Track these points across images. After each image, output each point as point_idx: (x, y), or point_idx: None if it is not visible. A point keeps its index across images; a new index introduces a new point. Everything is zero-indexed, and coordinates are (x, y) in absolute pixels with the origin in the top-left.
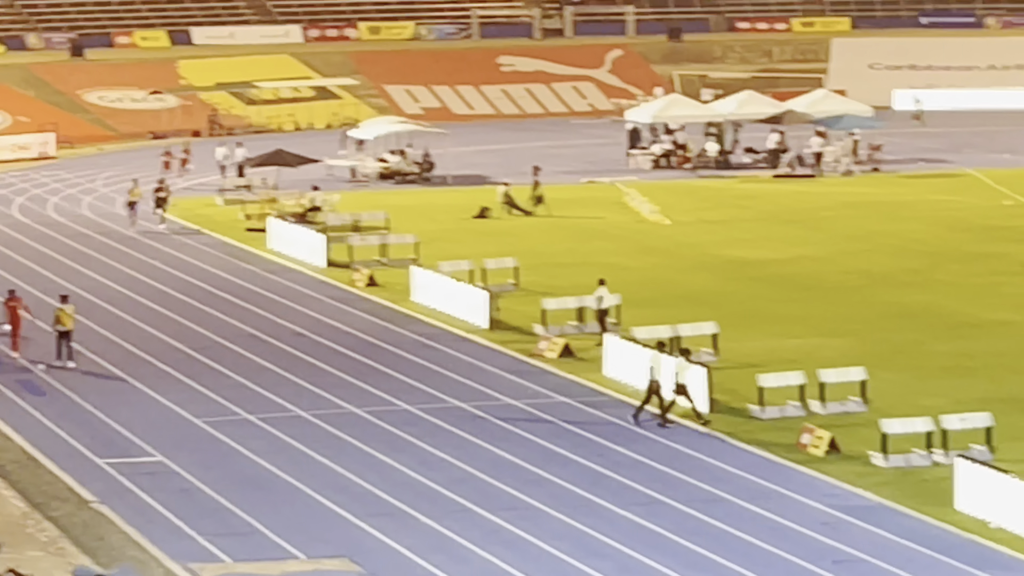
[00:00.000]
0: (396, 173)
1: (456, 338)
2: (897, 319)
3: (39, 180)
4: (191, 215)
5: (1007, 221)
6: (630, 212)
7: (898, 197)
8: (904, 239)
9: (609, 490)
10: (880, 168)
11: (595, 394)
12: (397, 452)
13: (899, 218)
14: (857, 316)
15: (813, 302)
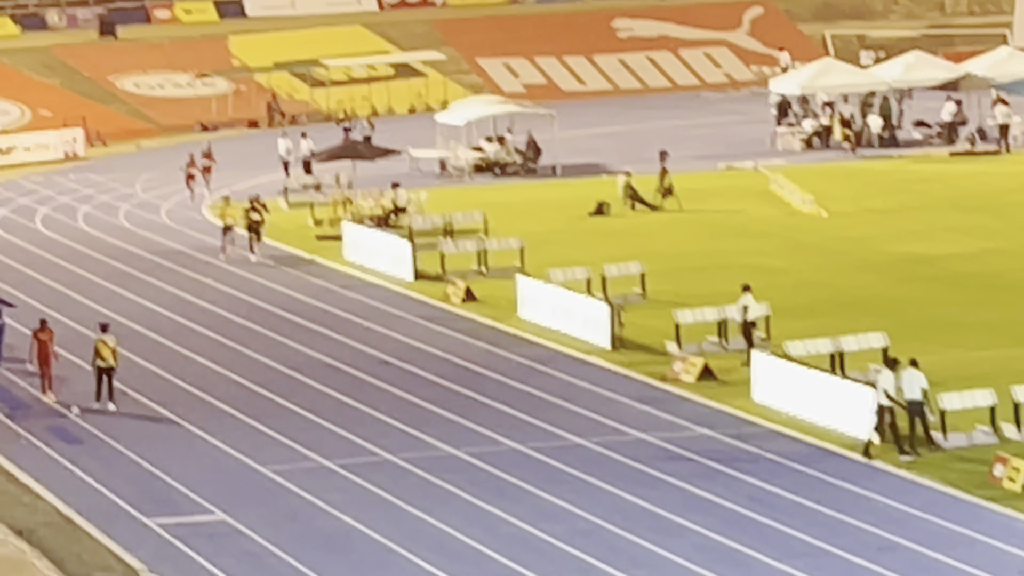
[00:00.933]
0: (495, 164)
1: (573, 361)
2: None
3: (66, 186)
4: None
5: None
6: (778, 203)
7: None
8: None
9: (764, 540)
10: None
11: (743, 424)
12: (507, 501)
13: None
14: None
15: (1003, 305)
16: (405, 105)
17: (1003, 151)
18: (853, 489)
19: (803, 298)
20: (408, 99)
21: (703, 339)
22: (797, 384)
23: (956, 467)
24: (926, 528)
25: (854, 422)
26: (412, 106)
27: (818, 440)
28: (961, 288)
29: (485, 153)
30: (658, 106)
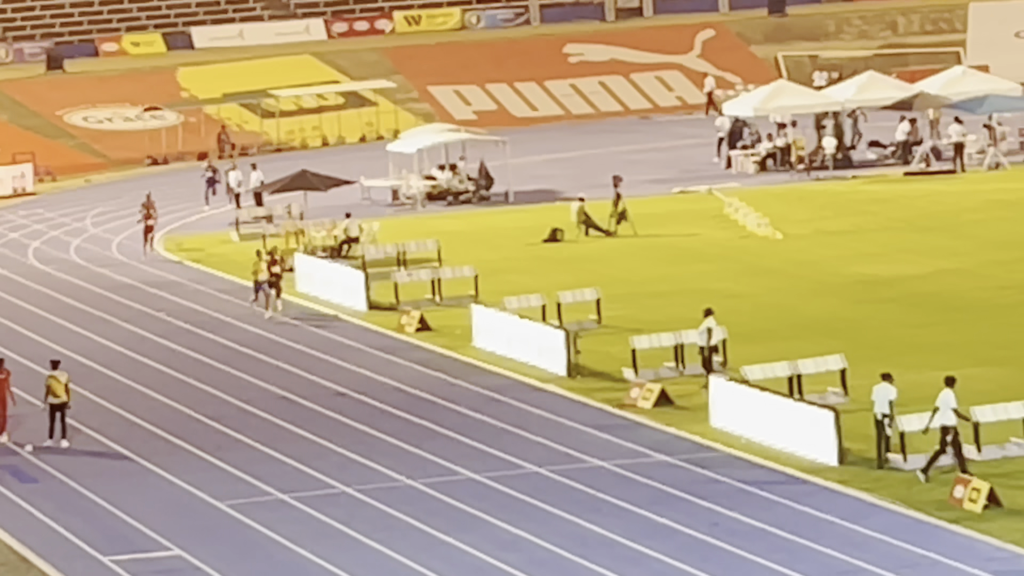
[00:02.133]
0: (447, 192)
1: (529, 389)
2: None
3: (15, 222)
4: (202, 256)
5: None
6: (733, 226)
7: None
8: None
9: (724, 566)
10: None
11: (701, 449)
12: (465, 532)
13: None
14: (1015, 340)
15: (960, 325)
16: (356, 134)
17: (958, 170)
18: (813, 513)
19: (760, 322)
20: (359, 128)
21: (660, 365)
22: (755, 409)
23: (916, 489)
24: (887, 551)
25: (813, 446)
26: (363, 135)
27: (777, 464)
28: (919, 309)
29: (437, 181)
30: (610, 131)
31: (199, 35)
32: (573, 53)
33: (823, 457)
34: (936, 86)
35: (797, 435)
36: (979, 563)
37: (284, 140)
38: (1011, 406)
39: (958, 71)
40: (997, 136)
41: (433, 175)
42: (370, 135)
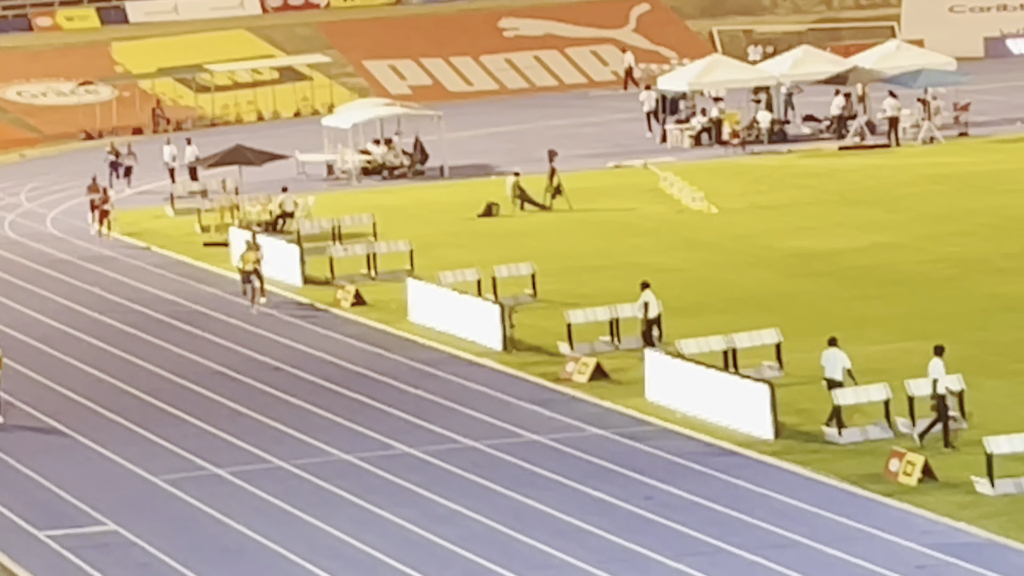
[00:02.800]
0: (382, 167)
1: (465, 364)
2: (999, 314)
3: None
4: (136, 230)
5: None
6: (668, 200)
7: (992, 166)
8: (1002, 217)
9: (660, 539)
10: (969, 132)
11: (637, 423)
12: (400, 506)
13: (994, 191)
14: (950, 313)
15: (895, 299)
16: (291, 109)
17: (893, 144)
18: (749, 487)
19: (695, 296)
20: (294, 103)
21: (595, 339)
22: (690, 382)
23: (851, 462)
24: (823, 524)
25: (748, 420)
26: (298, 110)
27: (712, 438)
28: (853, 282)
29: (372, 156)
30: (546, 105)
31: (133, 9)
32: (508, 28)
33: (758, 431)
34: (871, 60)
35: (732, 409)
36: (914, 536)
37: (219, 115)
38: (946, 380)
39: (892, 45)
40: (931, 110)
41: (368, 150)
42: (305, 110)
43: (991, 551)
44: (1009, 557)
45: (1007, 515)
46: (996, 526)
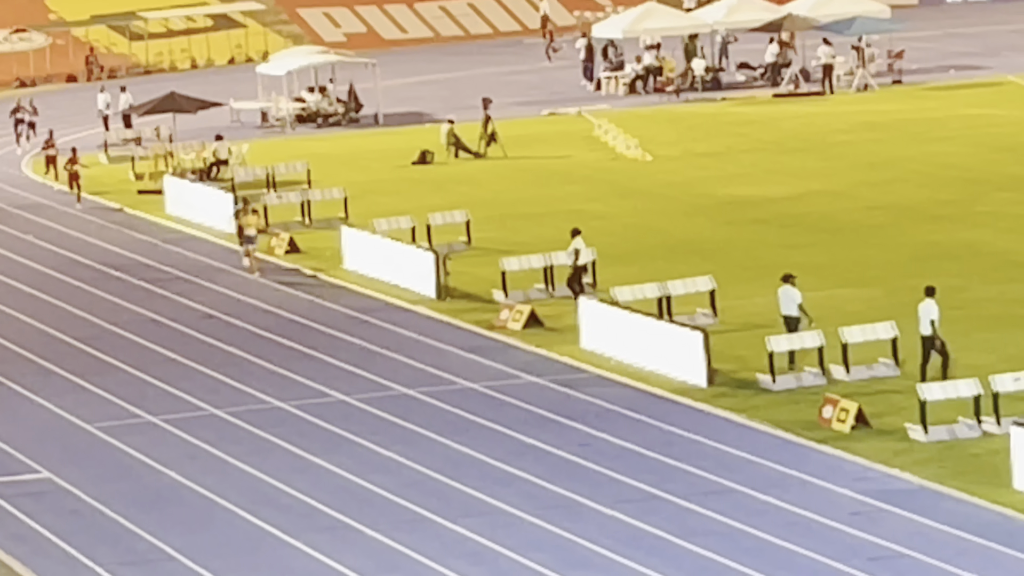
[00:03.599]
0: (316, 115)
1: (399, 311)
2: (932, 262)
3: None
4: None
5: None
6: (603, 148)
7: (926, 114)
8: (936, 164)
9: (594, 486)
10: (903, 80)
11: (571, 371)
12: (334, 453)
13: (929, 139)
14: (883, 261)
15: (829, 246)
16: (225, 56)
17: (827, 92)
18: (683, 434)
19: (629, 243)
20: (228, 50)
21: (530, 286)
22: (625, 330)
23: (785, 410)
24: (757, 471)
25: (682, 367)
26: (232, 57)
27: (647, 385)
28: (788, 230)
29: (307, 104)
30: (480, 53)
31: None
32: None
33: (692, 378)
34: (805, 8)
35: (666, 356)
36: (847, 483)
37: (153, 62)
38: (879, 326)
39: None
40: (866, 58)
41: (302, 97)
42: (239, 57)
43: (924, 497)
44: (942, 503)
45: (940, 461)
46: (929, 472)
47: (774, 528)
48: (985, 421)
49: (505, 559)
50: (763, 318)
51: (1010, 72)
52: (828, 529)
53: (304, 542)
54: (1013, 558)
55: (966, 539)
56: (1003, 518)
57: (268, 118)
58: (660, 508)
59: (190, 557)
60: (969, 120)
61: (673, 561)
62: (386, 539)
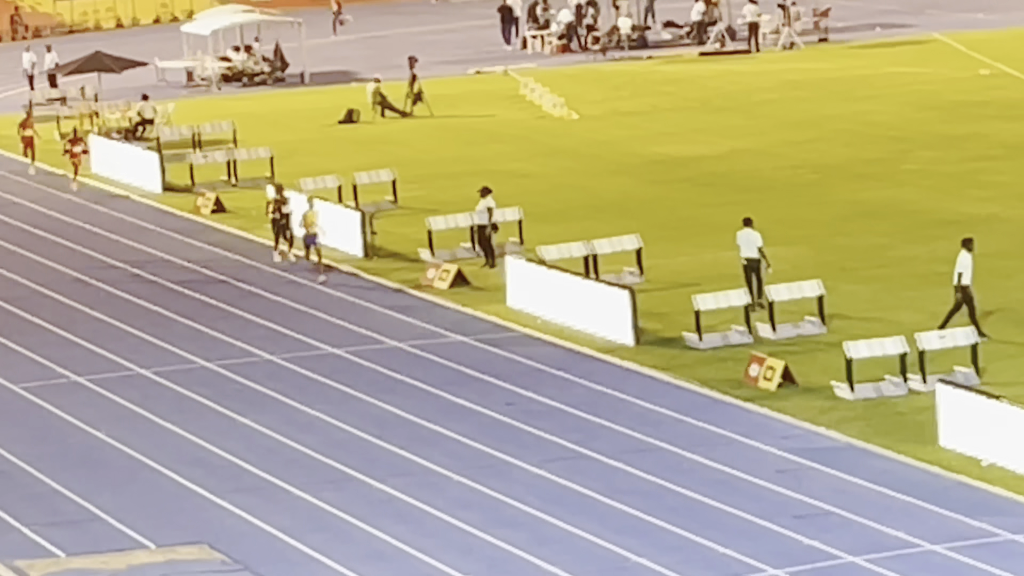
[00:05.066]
0: (242, 74)
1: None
2: (858, 220)
3: None
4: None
5: (984, 95)
6: (529, 107)
7: (852, 72)
8: (861, 123)
9: (520, 445)
10: (828, 38)
11: (498, 330)
12: (261, 413)
13: (854, 98)
14: (809, 219)
15: (755, 204)
16: (150, 15)
17: (752, 50)
18: (609, 392)
19: (556, 202)
20: (153, 9)
21: (456, 245)
22: (551, 289)
23: (712, 368)
24: (683, 430)
25: (609, 325)
26: (157, 16)
27: (574, 344)
28: (713, 188)
29: (232, 63)
30: (406, 12)
31: None
32: None
33: (619, 337)
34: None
35: (593, 315)
36: (773, 441)
37: (78, 21)
38: (805, 284)
39: None
40: (791, 16)
41: (228, 56)
42: (164, 16)
43: (850, 455)
44: (868, 461)
45: (866, 419)
46: (855, 430)
47: (700, 486)
48: (911, 379)
49: (432, 518)
50: (689, 276)
51: (935, 30)
52: (754, 487)
53: (230, 502)
54: (938, 515)
55: (892, 496)
56: (928, 475)
57: (194, 77)
58: (586, 466)
59: (116, 517)
60: (895, 78)
61: (600, 519)
62: (312, 498)
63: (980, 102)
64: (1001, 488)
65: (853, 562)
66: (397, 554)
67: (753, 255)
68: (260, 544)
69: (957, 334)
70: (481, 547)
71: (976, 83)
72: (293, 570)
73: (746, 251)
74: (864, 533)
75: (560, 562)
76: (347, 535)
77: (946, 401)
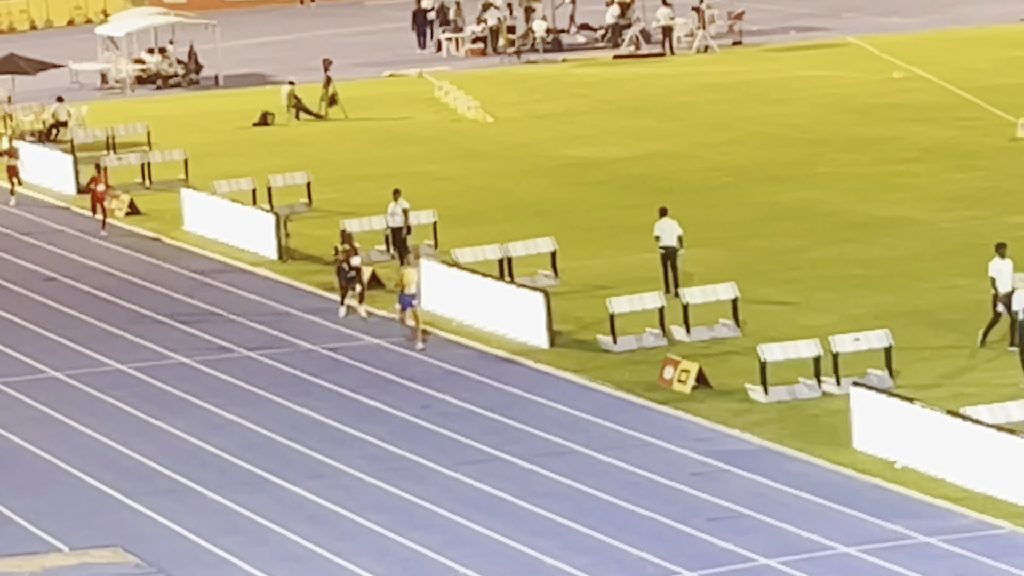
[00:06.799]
0: (156, 76)
1: (240, 273)
2: (773, 222)
3: None
4: None
5: (899, 97)
6: (444, 109)
7: (767, 75)
8: (776, 125)
9: (435, 448)
10: (743, 41)
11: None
12: (175, 415)
13: (769, 100)
14: (724, 221)
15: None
16: (64, 17)
17: (667, 53)
18: (524, 395)
19: (471, 204)
20: (67, 11)
21: (371, 247)
22: (466, 291)
23: (626, 370)
24: (598, 432)
25: (524, 328)
26: (71, 18)
27: (488, 347)
28: (629, 191)
29: (147, 65)
30: (320, 14)
31: None
32: None
33: (533, 339)
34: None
35: (508, 317)
36: (688, 443)
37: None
38: (720, 287)
39: None
40: (706, 19)
41: (142, 59)
42: (78, 18)
43: (764, 457)
44: (782, 463)
45: (780, 422)
46: (769, 433)
47: (615, 489)
48: (825, 381)
49: (346, 521)
50: (604, 279)
51: (850, 33)
52: (669, 490)
53: (145, 504)
54: (852, 518)
55: (806, 499)
56: (842, 478)
57: (108, 79)
58: (501, 469)
59: (30, 520)
60: (809, 81)
61: (514, 522)
62: (227, 501)
63: (894, 105)
64: (915, 491)
65: (767, 564)
66: (311, 556)
67: (672, 244)
68: (174, 546)
69: (871, 337)
70: (395, 549)
71: (890, 86)
72: (207, 572)
73: (666, 240)
74: (778, 536)
75: (474, 565)
76: (261, 537)
77: (860, 404)
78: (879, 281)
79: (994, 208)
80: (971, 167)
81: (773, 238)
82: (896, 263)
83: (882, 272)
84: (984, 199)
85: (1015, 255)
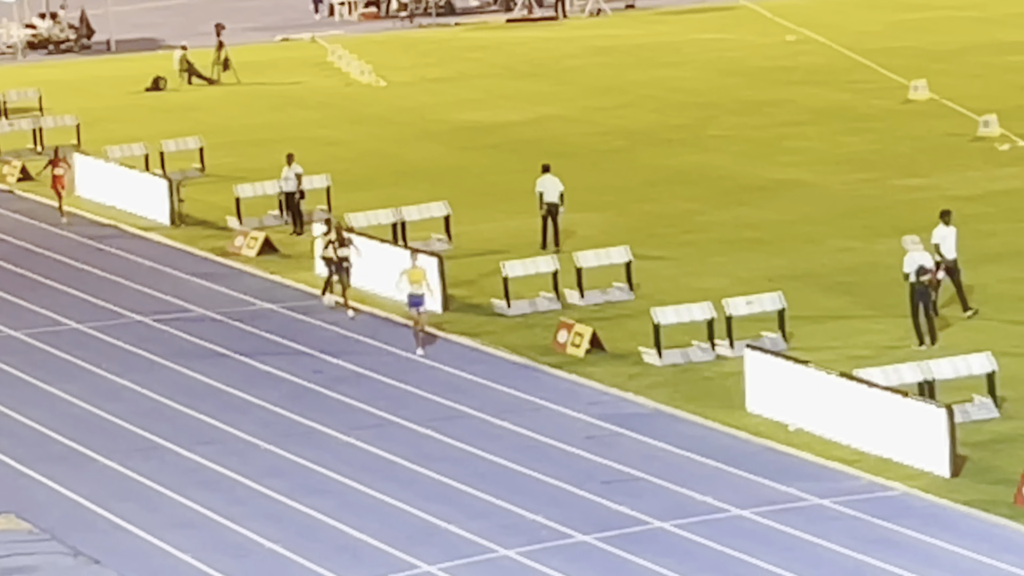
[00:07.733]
0: (48, 41)
1: (133, 238)
2: (664, 186)
3: None
4: None
5: (791, 60)
6: (336, 73)
7: (658, 38)
8: (668, 89)
9: (329, 412)
10: (635, 5)
11: (305, 297)
12: (67, 381)
13: (661, 64)
14: (616, 185)
15: (562, 171)
16: None
17: (559, 17)
18: (416, 359)
19: (364, 169)
20: None
21: (264, 213)
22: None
23: (520, 335)
24: (491, 396)
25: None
26: None
27: (381, 311)
28: (521, 155)
29: (38, 30)
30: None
31: None
32: None
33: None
34: None
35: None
36: (581, 407)
37: None
38: (613, 251)
39: None
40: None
41: (33, 23)
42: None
43: (658, 420)
44: (675, 426)
45: (674, 385)
46: (663, 396)
47: (509, 452)
48: (718, 344)
49: (242, 486)
50: (498, 243)
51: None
52: (562, 453)
53: (38, 471)
54: (745, 480)
55: (700, 462)
56: (736, 440)
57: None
58: (395, 433)
59: None
60: (701, 45)
61: (409, 486)
62: (120, 467)
63: (786, 68)
64: (808, 453)
65: (661, 527)
66: (205, 522)
67: (554, 200)
68: (67, 513)
69: (764, 300)
70: (290, 514)
71: (782, 49)
72: (101, 539)
73: (549, 196)
74: (672, 498)
75: (369, 529)
76: (155, 503)
77: (753, 366)
78: (771, 244)
79: (885, 171)
80: (863, 130)
81: (665, 201)
82: (788, 226)
83: (774, 235)
84: (876, 162)
85: (905, 217)
